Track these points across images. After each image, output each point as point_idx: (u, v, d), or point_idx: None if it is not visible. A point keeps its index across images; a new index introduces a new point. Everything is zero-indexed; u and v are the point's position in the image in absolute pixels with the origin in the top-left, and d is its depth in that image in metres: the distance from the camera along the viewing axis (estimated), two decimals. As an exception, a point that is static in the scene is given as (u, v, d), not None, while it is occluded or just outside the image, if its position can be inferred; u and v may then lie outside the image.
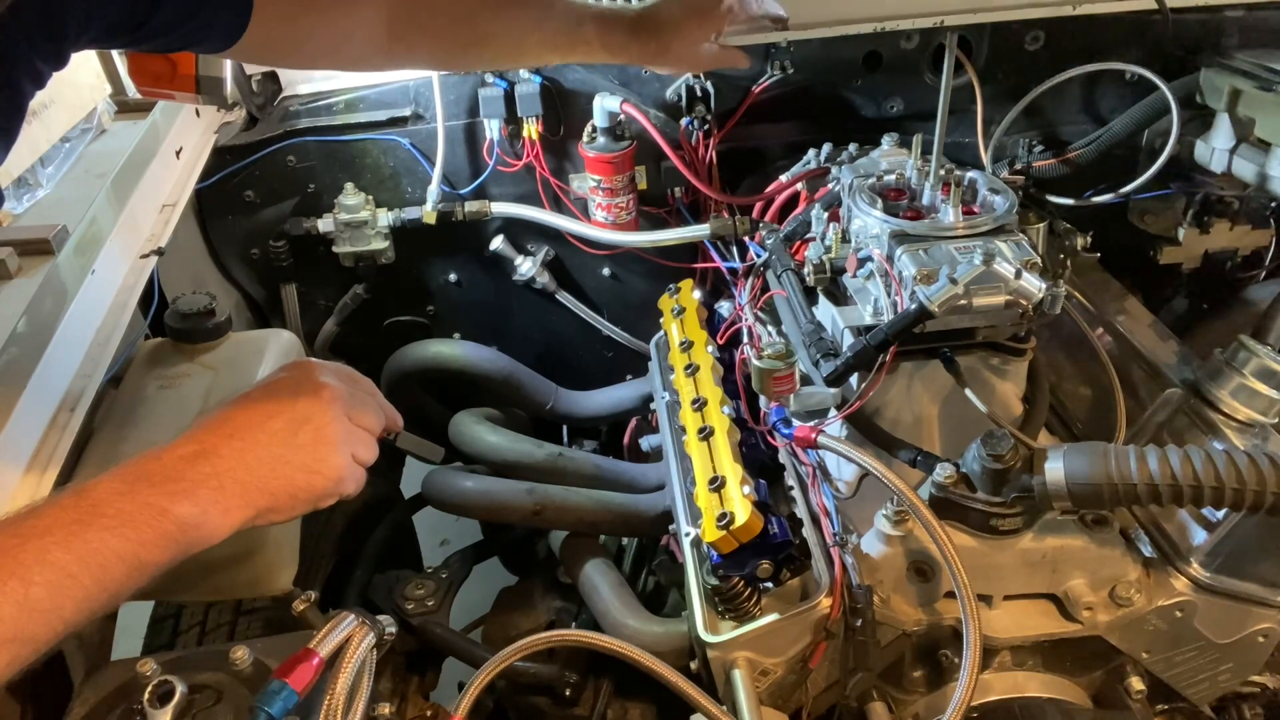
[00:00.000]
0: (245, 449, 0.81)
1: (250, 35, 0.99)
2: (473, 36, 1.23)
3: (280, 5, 1.04)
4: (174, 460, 0.78)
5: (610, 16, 1.27)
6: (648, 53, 1.29)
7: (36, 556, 0.67)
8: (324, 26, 1.12)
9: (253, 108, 1.84)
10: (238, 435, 0.82)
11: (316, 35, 1.12)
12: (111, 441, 1.13)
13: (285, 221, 1.87)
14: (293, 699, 0.75)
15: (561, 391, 1.93)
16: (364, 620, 0.81)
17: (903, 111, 1.84)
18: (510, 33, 1.24)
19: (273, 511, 0.82)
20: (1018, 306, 1.10)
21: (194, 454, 0.79)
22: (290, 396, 0.86)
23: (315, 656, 0.77)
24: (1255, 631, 1.18)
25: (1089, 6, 1.72)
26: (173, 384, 1.21)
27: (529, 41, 1.25)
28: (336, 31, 1.13)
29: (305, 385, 0.88)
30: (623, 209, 1.83)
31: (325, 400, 0.87)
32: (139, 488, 0.75)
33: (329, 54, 1.18)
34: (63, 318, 1.15)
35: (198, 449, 0.79)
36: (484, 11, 1.22)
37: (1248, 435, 1.18)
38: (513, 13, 1.23)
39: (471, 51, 1.28)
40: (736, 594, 1.13)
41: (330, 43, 1.14)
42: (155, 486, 0.75)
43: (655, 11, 1.28)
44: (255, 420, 0.83)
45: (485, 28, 1.22)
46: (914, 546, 1.15)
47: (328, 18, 1.11)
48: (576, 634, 1.05)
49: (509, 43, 1.25)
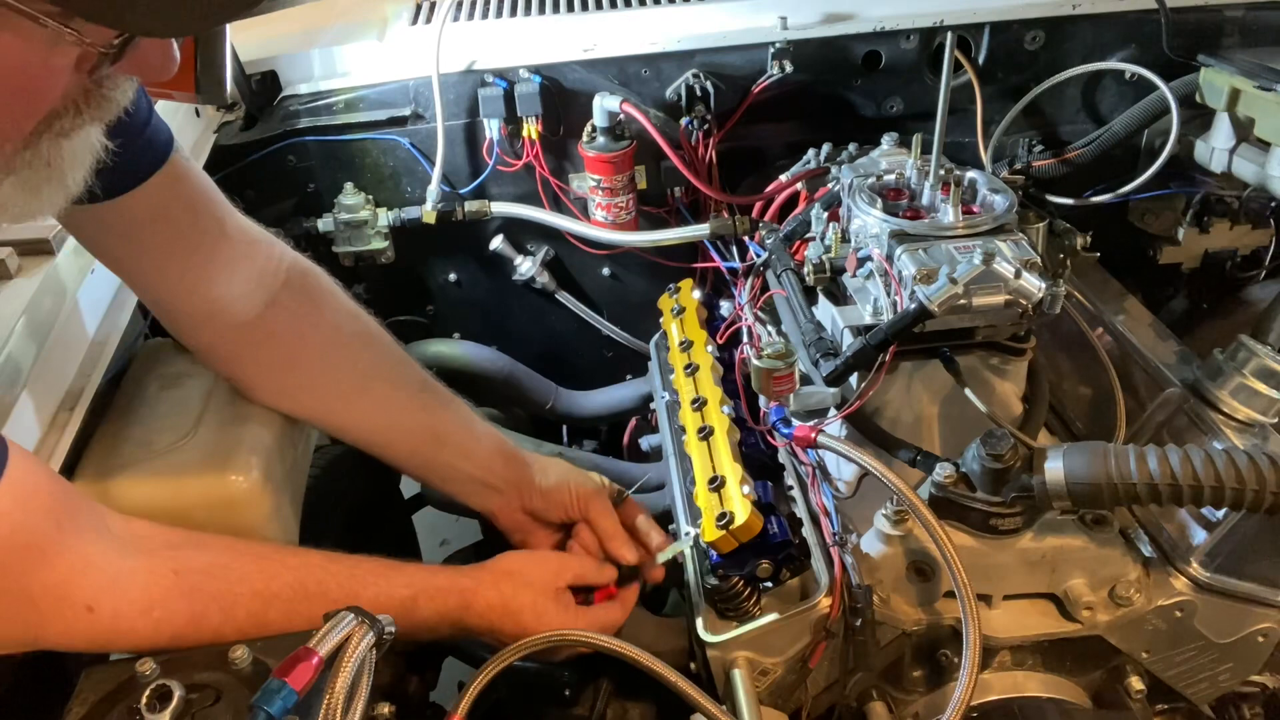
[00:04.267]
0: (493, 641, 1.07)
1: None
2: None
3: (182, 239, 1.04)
4: (441, 626, 1.05)
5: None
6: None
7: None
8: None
9: (253, 108, 1.84)
10: (493, 635, 1.07)
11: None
12: (111, 441, 1.13)
13: (285, 221, 1.86)
14: (292, 698, 0.75)
15: (561, 391, 1.93)
16: (363, 619, 0.81)
17: (902, 111, 1.84)
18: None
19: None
20: (1017, 306, 1.10)
21: (452, 634, 1.06)
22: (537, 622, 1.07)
23: (315, 655, 0.77)
24: (1255, 631, 1.18)
25: (1089, 6, 1.73)
26: (173, 384, 1.21)
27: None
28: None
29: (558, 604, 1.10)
30: (622, 209, 1.83)
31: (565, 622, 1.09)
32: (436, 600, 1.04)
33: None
34: (63, 318, 1.15)
35: (459, 636, 1.08)
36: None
37: (1248, 435, 1.18)
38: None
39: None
40: (736, 594, 1.13)
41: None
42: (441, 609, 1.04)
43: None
44: (511, 636, 1.06)
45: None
46: (914, 546, 1.15)
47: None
48: (576, 634, 1.05)
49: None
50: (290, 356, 1.17)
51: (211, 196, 1.08)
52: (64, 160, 0.72)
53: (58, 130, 0.69)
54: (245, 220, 1.13)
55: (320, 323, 1.19)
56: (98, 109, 0.71)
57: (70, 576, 0.83)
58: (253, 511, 1.09)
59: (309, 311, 1.18)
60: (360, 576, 1.00)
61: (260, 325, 1.13)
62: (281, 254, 1.16)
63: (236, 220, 1.11)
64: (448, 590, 1.05)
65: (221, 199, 1.10)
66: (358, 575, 1.00)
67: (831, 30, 1.76)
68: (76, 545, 0.84)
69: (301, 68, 1.86)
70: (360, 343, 1.22)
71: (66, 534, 0.84)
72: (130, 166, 0.95)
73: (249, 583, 0.92)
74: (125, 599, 0.86)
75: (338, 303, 1.22)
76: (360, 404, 1.21)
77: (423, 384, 1.26)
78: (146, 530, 0.93)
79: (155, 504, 1.04)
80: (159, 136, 0.99)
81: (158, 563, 0.89)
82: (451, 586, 1.06)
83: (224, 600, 0.90)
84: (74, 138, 0.71)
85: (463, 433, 1.27)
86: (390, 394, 1.23)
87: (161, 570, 0.89)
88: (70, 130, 0.70)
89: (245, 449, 1.11)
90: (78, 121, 0.70)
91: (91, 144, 0.75)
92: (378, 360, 1.23)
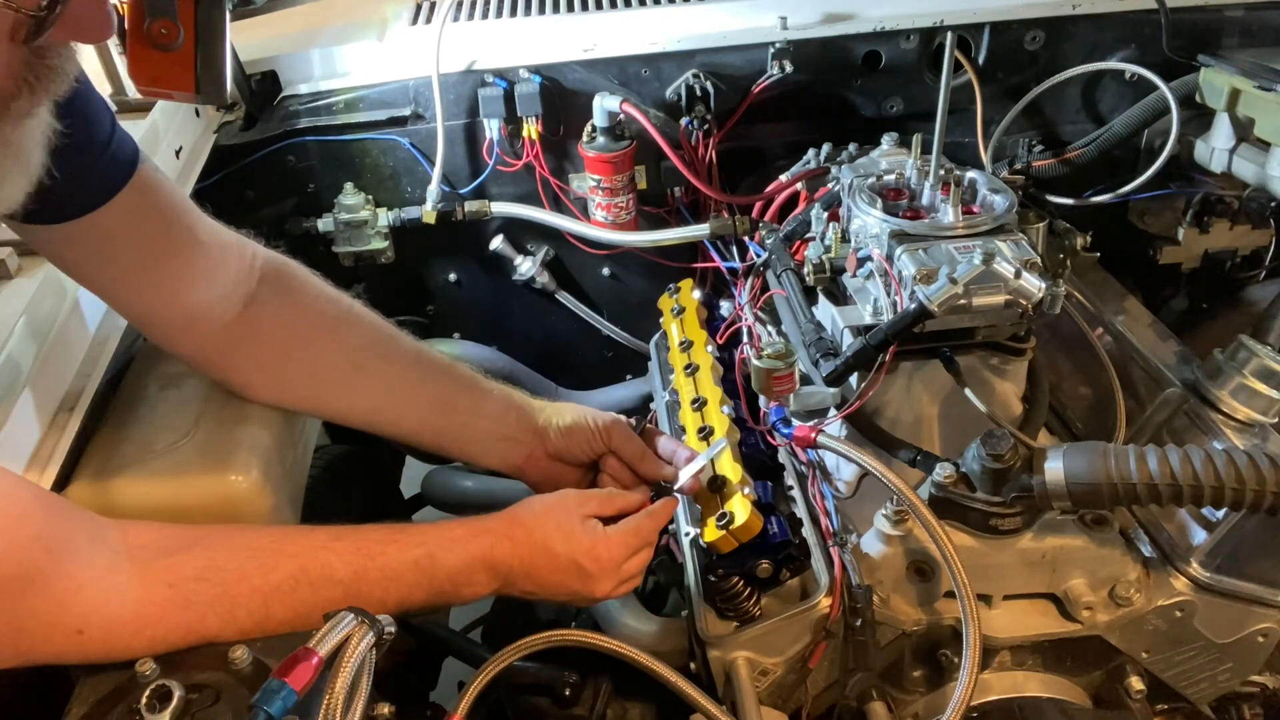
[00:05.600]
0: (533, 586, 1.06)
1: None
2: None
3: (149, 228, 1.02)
4: (470, 573, 1.02)
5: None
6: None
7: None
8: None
9: (253, 108, 1.84)
10: (531, 577, 1.05)
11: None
12: (111, 441, 1.13)
13: (285, 221, 1.87)
14: (292, 698, 0.75)
15: (561, 391, 1.93)
16: (363, 619, 0.81)
17: (902, 111, 1.84)
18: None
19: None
20: (1017, 306, 1.10)
21: (490, 581, 1.04)
22: (579, 573, 1.06)
23: (314, 656, 0.77)
24: (1255, 631, 1.18)
25: (1089, 6, 1.73)
26: (172, 384, 1.21)
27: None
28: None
29: (600, 563, 1.07)
30: (622, 209, 1.83)
31: (610, 585, 1.08)
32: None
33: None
34: (62, 318, 1.15)
35: (498, 584, 1.04)
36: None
37: (1247, 435, 1.18)
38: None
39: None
40: (736, 594, 1.13)
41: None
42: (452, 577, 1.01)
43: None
44: (549, 571, 1.06)
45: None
46: (914, 546, 1.15)
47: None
48: (576, 634, 1.05)
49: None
50: (278, 349, 1.17)
51: (181, 204, 1.07)
52: (25, 141, 0.73)
53: (16, 112, 0.70)
54: (215, 224, 1.12)
55: (302, 311, 1.18)
56: (49, 81, 0.71)
57: (60, 601, 0.82)
58: (252, 511, 1.09)
59: (289, 302, 1.17)
60: (366, 548, 0.98)
61: (243, 324, 1.12)
62: (255, 252, 1.16)
63: (207, 225, 1.10)
64: (466, 537, 1.03)
65: (191, 206, 1.09)
66: (364, 547, 0.98)
67: (831, 30, 1.76)
68: (68, 569, 0.83)
69: (301, 68, 1.86)
70: (346, 323, 1.21)
71: (58, 558, 0.82)
72: (97, 183, 0.95)
73: (247, 581, 0.91)
74: (117, 621, 0.85)
75: (316, 289, 1.21)
76: (358, 383, 1.20)
77: (418, 354, 1.25)
78: (142, 538, 0.91)
79: (155, 504, 1.04)
80: (123, 150, 0.98)
81: (152, 575, 0.88)
82: (470, 532, 1.04)
83: (221, 605, 0.89)
84: (35, 116, 0.72)
85: (470, 392, 1.25)
86: (386, 368, 1.22)
87: (156, 584, 0.87)
88: (30, 110, 0.71)
89: (245, 449, 1.11)
90: (34, 100, 0.71)
91: (44, 125, 0.75)
92: (368, 338, 1.22)
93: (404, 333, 1.26)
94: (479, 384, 1.27)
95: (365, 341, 1.22)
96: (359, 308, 1.23)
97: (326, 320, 1.20)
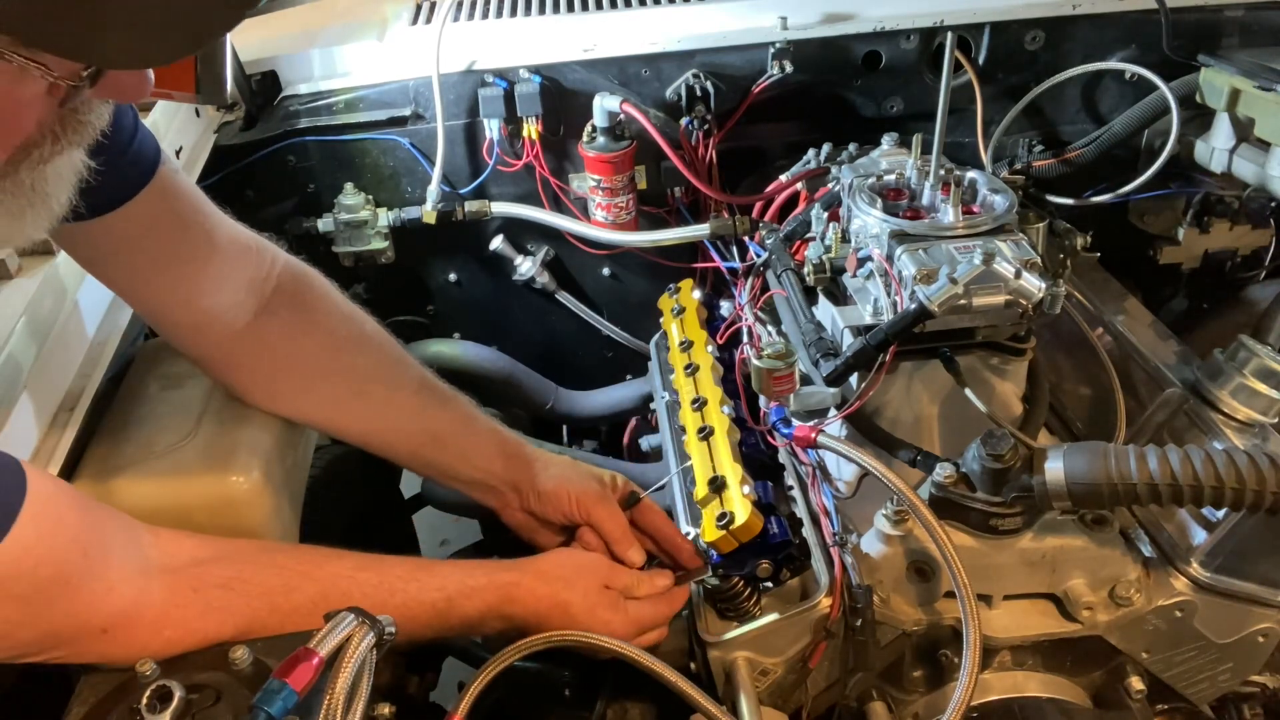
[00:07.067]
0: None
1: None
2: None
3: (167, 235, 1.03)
4: (484, 621, 1.05)
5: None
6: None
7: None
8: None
9: (253, 108, 1.84)
10: (541, 628, 1.05)
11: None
12: (111, 441, 1.13)
13: (285, 221, 1.87)
14: (292, 699, 0.75)
15: (561, 391, 1.93)
16: (363, 619, 0.81)
17: (902, 111, 1.84)
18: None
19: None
20: (1018, 306, 1.10)
21: (501, 626, 1.06)
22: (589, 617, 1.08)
23: (315, 656, 0.77)
24: (1255, 631, 1.18)
25: (1089, 6, 1.73)
26: (173, 384, 1.21)
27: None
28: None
29: (610, 634, 1.06)
30: (622, 209, 1.83)
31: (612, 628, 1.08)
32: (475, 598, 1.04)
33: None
34: (63, 318, 1.15)
35: (508, 628, 1.06)
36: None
37: (1248, 435, 1.18)
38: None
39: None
40: (736, 594, 1.13)
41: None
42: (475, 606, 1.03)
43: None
44: (559, 626, 1.06)
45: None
46: (914, 546, 1.15)
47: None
48: (576, 634, 1.05)
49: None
50: (284, 363, 1.17)
51: (200, 206, 1.07)
52: (47, 184, 0.72)
53: (37, 158, 0.69)
54: (236, 227, 1.12)
55: (314, 328, 1.19)
56: (75, 134, 0.71)
57: (91, 603, 0.83)
58: (253, 512, 1.09)
59: (302, 318, 1.17)
60: (389, 584, 1.00)
61: (253, 333, 1.13)
62: (274, 259, 1.16)
63: (227, 228, 1.10)
64: (486, 587, 1.05)
65: (211, 208, 1.09)
66: (386, 582, 1.00)
67: (831, 30, 1.76)
68: (102, 571, 0.84)
69: (301, 68, 1.87)
70: (356, 346, 1.22)
71: (93, 561, 0.83)
72: (117, 184, 0.95)
73: (269, 597, 0.92)
74: (141, 621, 0.86)
75: (332, 305, 1.21)
76: (357, 408, 1.21)
77: (420, 384, 1.26)
78: (175, 545, 0.92)
79: (156, 505, 1.04)
80: (145, 151, 0.99)
81: (179, 580, 0.89)
82: (490, 583, 1.05)
83: (240, 616, 0.90)
84: (55, 163, 0.71)
85: (461, 433, 1.27)
86: (387, 397, 1.22)
87: (181, 588, 0.89)
88: (50, 157, 0.70)
89: (245, 450, 1.11)
90: (56, 148, 0.70)
91: (74, 164, 0.75)
92: (374, 363, 1.23)
93: (412, 359, 1.27)
94: (473, 424, 1.28)
95: (371, 367, 1.22)
96: (370, 328, 1.24)
97: (336, 341, 1.20)
